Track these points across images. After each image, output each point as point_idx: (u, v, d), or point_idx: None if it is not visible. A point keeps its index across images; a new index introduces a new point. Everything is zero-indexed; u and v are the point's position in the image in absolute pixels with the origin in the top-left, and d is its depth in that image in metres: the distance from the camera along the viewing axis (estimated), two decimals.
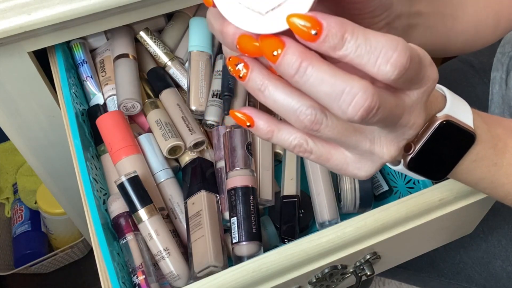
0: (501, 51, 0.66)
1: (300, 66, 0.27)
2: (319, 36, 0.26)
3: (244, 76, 0.29)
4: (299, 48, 0.27)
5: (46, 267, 1.15)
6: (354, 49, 0.27)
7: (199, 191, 0.59)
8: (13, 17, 0.53)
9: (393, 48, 0.27)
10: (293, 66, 0.27)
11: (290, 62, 0.27)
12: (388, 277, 0.82)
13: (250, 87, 0.30)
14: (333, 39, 0.26)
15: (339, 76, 0.27)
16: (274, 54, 0.27)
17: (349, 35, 0.27)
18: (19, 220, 1.16)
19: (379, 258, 0.52)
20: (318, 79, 0.27)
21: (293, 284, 0.49)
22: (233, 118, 0.32)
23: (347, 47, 0.27)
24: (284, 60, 0.27)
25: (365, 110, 0.27)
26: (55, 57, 0.64)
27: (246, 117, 0.31)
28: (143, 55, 0.72)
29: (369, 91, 0.27)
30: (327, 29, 0.26)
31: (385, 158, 0.32)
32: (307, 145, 0.32)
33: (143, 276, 0.53)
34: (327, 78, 0.27)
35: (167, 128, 0.64)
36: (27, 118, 0.67)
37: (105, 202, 0.58)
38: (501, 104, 0.67)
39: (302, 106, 0.29)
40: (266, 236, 0.61)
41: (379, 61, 0.27)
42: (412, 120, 0.31)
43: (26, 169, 1.19)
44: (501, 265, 0.67)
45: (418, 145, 0.35)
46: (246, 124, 0.32)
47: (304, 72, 0.27)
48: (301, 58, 0.27)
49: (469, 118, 0.36)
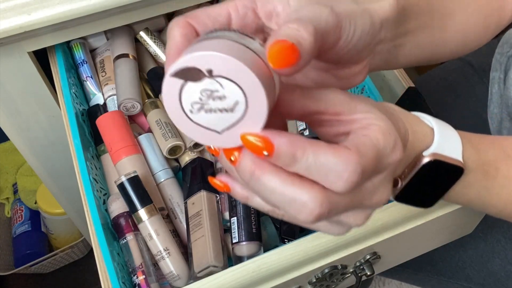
0: (499, 51, 0.66)
1: (253, 174, 0.28)
2: (271, 156, 0.27)
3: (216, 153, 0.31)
4: (253, 156, 0.28)
5: (46, 267, 1.15)
6: (305, 167, 0.28)
7: (199, 191, 0.59)
8: (13, 17, 0.53)
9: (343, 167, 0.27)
10: (247, 174, 0.28)
11: (245, 169, 0.28)
12: (388, 277, 0.82)
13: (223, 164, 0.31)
14: (284, 158, 0.27)
15: (290, 185, 0.28)
16: (232, 159, 0.29)
17: (300, 154, 0.27)
18: (19, 220, 1.16)
19: (379, 258, 0.52)
20: (270, 188, 0.28)
21: (293, 284, 0.49)
22: (212, 184, 0.33)
23: (299, 166, 0.28)
24: (240, 166, 0.28)
25: (315, 217, 0.28)
26: (55, 57, 0.64)
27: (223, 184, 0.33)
28: (143, 55, 0.72)
29: (318, 200, 0.28)
30: (278, 149, 0.27)
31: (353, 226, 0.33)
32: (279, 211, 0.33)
33: (143, 276, 0.53)
34: (278, 187, 0.28)
35: (167, 128, 0.64)
36: (27, 118, 0.68)
37: (105, 202, 0.58)
38: (500, 103, 0.67)
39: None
40: (266, 236, 0.61)
41: (330, 179, 0.28)
42: (375, 200, 0.31)
43: (26, 169, 1.19)
44: (500, 264, 0.67)
45: (404, 181, 0.35)
46: (223, 190, 0.33)
47: (256, 180, 0.28)
48: (253, 167, 0.28)
49: (458, 150, 0.36)
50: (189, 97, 0.27)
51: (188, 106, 0.27)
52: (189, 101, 0.27)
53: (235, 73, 0.26)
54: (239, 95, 0.26)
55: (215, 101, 0.27)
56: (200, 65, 0.26)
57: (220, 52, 0.26)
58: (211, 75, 0.26)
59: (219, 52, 0.26)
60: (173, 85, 0.27)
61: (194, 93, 0.27)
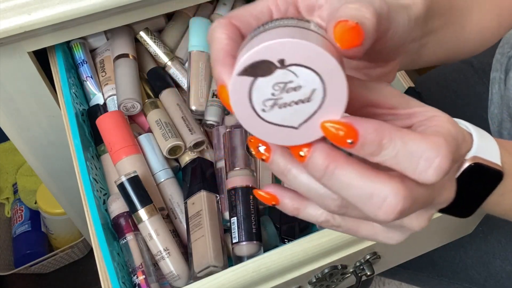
0: (500, 51, 0.66)
1: (327, 169, 0.26)
2: (355, 144, 0.25)
3: (266, 159, 0.28)
4: (326, 149, 0.26)
5: (46, 267, 1.15)
6: (393, 156, 0.25)
7: (199, 191, 0.59)
8: (13, 17, 0.53)
9: (435, 153, 0.25)
10: (319, 169, 0.26)
11: (317, 165, 0.26)
12: (388, 277, 0.82)
13: (274, 169, 0.29)
14: (370, 147, 0.25)
15: (367, 178, 0.26)
16: (301, 155, 0.26)
17: (387, 141, 0.25)
18: (19, 220, 1.16)
19: (379, 258, 0.52)
20: (346, 183, 0.26)
21: (293, 284, 0.49)
22: (257, 197, 0.31)
23: (385, 154, 0.26)
24: (311, 162, 0.26)
25: (397, 213, 0.26)
26: (55, 57, 0.64)
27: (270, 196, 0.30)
28: (143, 55, 0.72)
29: (400, 194, 0.26)
30: (363, 136, 0.25)
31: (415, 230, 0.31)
32: (334, 220, 0.31)
33: (143, 276, 0.53)
34: (355, 181, 0.26)
35: (167, 128, 0.64)
36: (27, 118, 0.68)
37: (105, 202, 0.58)
38: (500, 104, 0.67)
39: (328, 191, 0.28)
40: (266, 236, 0.61)
41: (420, 167, 0.26)
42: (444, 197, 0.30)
43: (26, 169, 1.19)
44: (501, 264, 0.67)
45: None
46: (271, 203, 0.31)
47: (331, 175, 0.26)
48: (327, 161, 0.26)
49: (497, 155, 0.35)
50: (260, 94, 0.25)
51: (259, 106, 0.25)
52: (261, 99, 0.25)
53: (311, 58, 0.24)
54: (316, 82, 0.24)
55: (290, 94, 0.25)
56: (270, 56, 0.24)
57: (292, 38, 0.24)
58: (283, 65, 0.24)
59: (291, 38, 0.24)
60: (241, 85, 0.25)
61: (265, 89, 0.25)
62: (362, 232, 0.31)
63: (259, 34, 0.26)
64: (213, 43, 0.29)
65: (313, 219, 0.31)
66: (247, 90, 0.25)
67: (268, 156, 0.28)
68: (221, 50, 0.28)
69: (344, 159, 0.26)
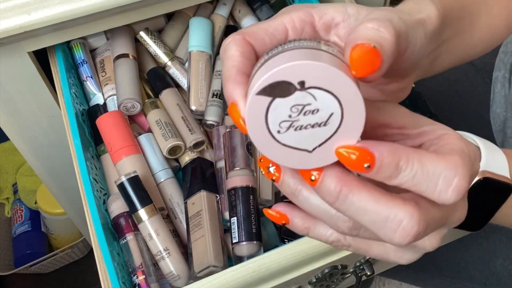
0: (503, 50, 0.66)
1: (340, 193, 0.25)
2: (372, 169, 0.25)
3: (276, 179, 0.28)
4: (337, 173, 0.26)
5: (46, 267, 1.15)
6: (411, 178, 0.25)
7: (199, 191, 0.59)
8: (13, 17, 0.53)
9: (453, 172, 0.25)
10: (332, 194, 0.25)
11: (329, 189, 0.25)
12: (389, 277, 0.82)
13: (284, 190, 0.28)
14: (387, 170, 0.25)
15: (382, 202, 0.25)
16: (312, 179, 0.26)
17: (404, 164, 0.25)
18: (19, 220, 1.16)
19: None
20: (360, 208, 0.25)
21: (293, 284, 0.49)
22: (267, 215, 0.30)
23: (403, 176, 0.25)
24: (322, 186, 0.26)
25: (413, 237, 0.26)
26: (55, 57, 0.64)
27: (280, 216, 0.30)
28: (143, 55, 0.72)
29: (415, 217, 0.25)
30: (379, 159, 0.25)
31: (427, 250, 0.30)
32: (345, 240, 0.30)
33: (143, 276, 0.53)
34: (369, 206, 0.25)
35: (167, 128, 0.64)
36: (27, 118, 0.67)
37: (105, 202, 0.58)
38: (503, 103, 0.66)
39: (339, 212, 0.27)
40: (266, 236, 0.61)
41: (439, 188, 0.25)
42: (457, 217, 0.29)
43: (26, 169, 1.19)
44: (502, 263, 0.67)
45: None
46: (281, 222, 0.30)
47: (344, 199, 0.25)
48: (340, 185, 0.25)
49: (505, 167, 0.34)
50: (277, 115, 0.25)
51: (275, 127, 0.25)
52: (277, 120, 0.25)
53: (331, 81, 0.24)
54: (334, 106, 0.24)
55: (307, 116, 0.24)
56: (291, 77, 0.24)
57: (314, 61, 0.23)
58: (303, 87, 0.24)
59: (312, 61, 0.23)
60: (258, 104, 0.24)
61: (283, 110, 0.24)
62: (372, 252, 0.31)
63: (278, 55, 0.25)
64: (226, 60, 0.28)
65: (323, 238, 0.30)
66: (264, 111, 0.25)
67: (278, 177, 0.28)
68: (234, 68, 0.27)
69: (357, 183, 0.26)
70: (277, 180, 0.28)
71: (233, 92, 0.26)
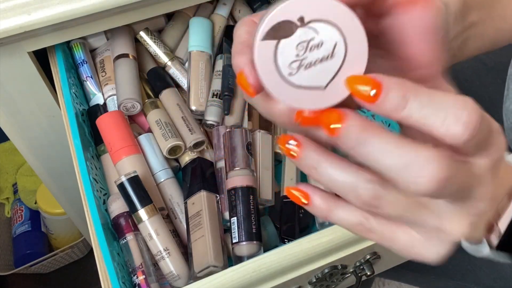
0: None
1: (361, 136, 0.25)
2: (378, 96, 0.24)
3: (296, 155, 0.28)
4: (360, 119, 0.25)
5: (46, 267, 1.15)
6: (419, 109, 0.24)
7: (199, 191, 0.59)
8: (13, 17, 0.53)
9: (462, 106, 0.24)
10: (353, 137, 0.25)
11: (351, 133, 0.25)
12: (394, 279, 0.81)
13: (303, 165, 0.28)
14: (394, 99, 0.24)
15: (404, 145, 0.24)
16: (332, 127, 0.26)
17: (412, 94, 0.24)
18: (19, 220, 1.16)
19: (379, 258, 0.52)
20: (381, 150, 0.25)
21: (293, 284, 0.49)
22: (288, 195, 0.30)
23: (410, 107, 0.24)
24: (345, 130, 0.25)
25: (437, 182, 0.24)
26: (55, 57, 0.64)
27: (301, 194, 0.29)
28: (143, 55, 0.72)
29: (440, 160, 0.24)
30: (387, 87, 0.24)
31: (456, 236, 0.29)
32: (368, 223, 0.29)
33: (143, 276, 0.53)
34: (390, 148, 0.25)
35: (167, 128, 0.64)
36: (27, 118, 0.68)
37: (105, 202, 0.58)
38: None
39: (360, 180, 0.27)
40: (266, 236, 0.61)
41: (447, 121, 0.24)
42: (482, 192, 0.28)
43: (26, 169, 1.19)
44: (510, 266, 0.67)
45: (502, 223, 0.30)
46: (301, 202, 0.30)
47: (364, 142, 0.25)
48: (362, 128, 0.25)
49: None
50: (285, 57, 0.26)
51: (286, 69, 0.26)
52: (287, 61, 0.26)
53: (327, 11, 0.25)
54: (336, 35, 0.25)
55: (313, 52, 0.26)
56: (289, 15, 0.25)
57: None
58: (303, 23, 0.25)
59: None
60: (266, 50, 0.25)
61: (289, 50, 0.25)
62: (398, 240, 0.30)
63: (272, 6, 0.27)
64: (234, 39, 0.29)
65: (345, 221, 0.29)
66: (272, 55, 0.26)
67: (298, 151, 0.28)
68: (240, 44, 0.28)
69: (379, 126, 0.25)
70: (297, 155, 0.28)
71: (239, 61, 0.27)
